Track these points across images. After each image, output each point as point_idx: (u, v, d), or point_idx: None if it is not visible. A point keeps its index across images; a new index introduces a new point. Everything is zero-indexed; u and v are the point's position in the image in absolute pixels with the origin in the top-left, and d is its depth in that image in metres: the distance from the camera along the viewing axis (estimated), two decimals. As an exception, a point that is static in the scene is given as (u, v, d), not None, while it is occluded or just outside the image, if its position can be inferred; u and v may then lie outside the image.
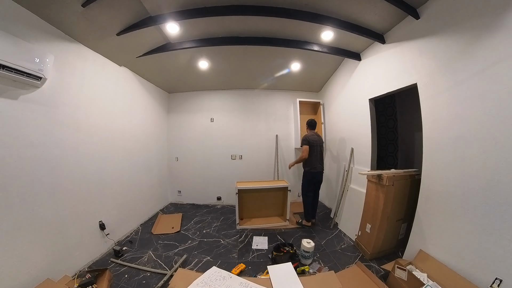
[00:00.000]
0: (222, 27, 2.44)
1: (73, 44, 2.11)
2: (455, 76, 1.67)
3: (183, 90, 4.29)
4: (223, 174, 4.28)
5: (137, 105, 3.30)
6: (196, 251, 2.55)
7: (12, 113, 1.58)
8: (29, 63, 1.57)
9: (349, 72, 3.19)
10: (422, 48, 1.97)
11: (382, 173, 2.20)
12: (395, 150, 3.45)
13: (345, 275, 1.85)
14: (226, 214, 3.73)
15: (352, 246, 2.59)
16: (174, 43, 2.64)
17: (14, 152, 1.59)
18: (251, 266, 2.22)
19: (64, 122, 2.02)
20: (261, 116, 4.33)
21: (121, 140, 2.89)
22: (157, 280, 1.98)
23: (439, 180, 1.83)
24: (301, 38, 2.69)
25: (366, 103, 2.79)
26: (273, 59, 3.21)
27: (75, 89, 2.14)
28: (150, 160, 3.67)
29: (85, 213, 2.24)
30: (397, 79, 2.29)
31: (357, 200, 2.72)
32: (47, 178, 1.84)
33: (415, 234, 2.05)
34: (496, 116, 1.40)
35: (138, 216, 3.28)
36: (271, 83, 4.04)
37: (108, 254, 2.42)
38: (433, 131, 1.90)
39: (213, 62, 3.26)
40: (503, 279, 1.32)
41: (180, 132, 4.35)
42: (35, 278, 1.64)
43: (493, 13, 1.40)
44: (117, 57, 2.68)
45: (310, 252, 2.22)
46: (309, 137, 3.11)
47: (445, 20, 1.74)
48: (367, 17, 2.22)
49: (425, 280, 1.65)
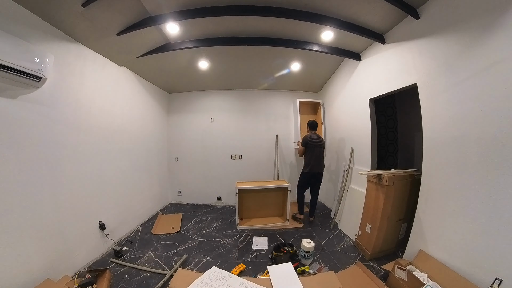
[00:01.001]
0: (222, 27, 2.44)
1: (73, 44, 2.11)
2: (455, 76, 1.67)
3: (183, 90, 4.29)
4: (223, 174, 4.28)
5: (137, 105, 3.30)
6: (196, 251, 2.55)
7: (12, 113, 1.58)
8: (29, 63, 1.57)
9: (349, 72, 3.19)
10: (422, 48, 1.97)
11: (382, 173, 2.20)
12: (395, 150, 3.45)
13: (345, 275, 1.85)
14: (226, 214, 3.73)
15: (352, 246, 2.59)
16: (174, 43, 2.64)
17: (14, 152, 1.59)
18: (251, 266, 2.22)
19: (64, 122, 2.02)
20: (261, 116, 4.33)
21: (121, 140, 2.89)
22: (157, 280, 1.97)
23: (439, 180, 1.83)
24: (301, 38, 2.69)
25: (366, 103, 2.79)
26: (273, 59, 3.21)
27: (75, 89, 2.14)
28: (150, 160, 3.67)
29: (85, 213, 2.24)
30: (397, 79, 2.29)
31: (357, 200, 2.72)
32: (47, 178, 1.84)
33: (415, 234, 2.05)
34: (496, 116, 1.40)
35: (138, 216, 3.28)
36: (271, 83, 4.04)
37: (108, 254, 2.42)
38: (433, 131, 1.90)
39: (213, 62, 3.26)
40: (503, 279, 1.32)
41: (180, 132, 4.35)
42: (35, 278, 1.64)
43: (493, 13, 1.40)
44: (117, 57, 2.68)
45: (310, 252, 2.22)
46: (308, 137, 3.13)
47: (445, 20, 1.74)
48: (367, 17, 2.22)
49: (425, 280, 1.65)
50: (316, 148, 3.13)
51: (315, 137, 3.17)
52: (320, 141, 3.19)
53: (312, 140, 3.11)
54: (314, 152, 3.12)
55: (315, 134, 3.21)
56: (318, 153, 3.14)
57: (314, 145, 3.12)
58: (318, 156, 3.14)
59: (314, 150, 3.11)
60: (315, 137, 3.16)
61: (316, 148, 3.13)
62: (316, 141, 3.13)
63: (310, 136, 3.15)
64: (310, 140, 3.12)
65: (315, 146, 3.12)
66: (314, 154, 3.12)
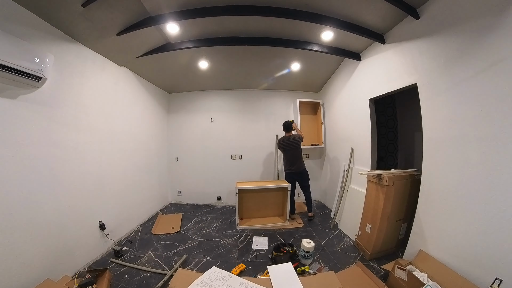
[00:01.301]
0: (222, 27, 2.44)
1: (73, 44, 2.11)
2: (455, 76, 1.67)
3: (183, 90, 4.29)
4: (223, 174, 4.28)
5: (137, 105, 3.30)
6: (196, 251, 2.55)
7: (12, 113, 1.58)
8: (29, 63, 1.57)
9: (349, 72, 3.19)
10: (422, 48, 1.97)
11: (382, 173, 2.20)
12: (395, 150, 3.45)
13: (345, 275, 1.85)
14: (226, 214, 3.73)
15: (352, 246, 2.59)
16: (174, 43, 2.64)
17: (14, 152, 1.59)
18: (251, 266, 2.22)
19: (64, 122, 2.02)
20: (261, 116, 4.33)
21: (121, 140, 2.89)
22: (157, 280, 1.97)
23: (439, 180, 1.83)
24: (301, 38, 2.69)
25: (366, 103, 2.79)
26: (273, 59, 3.21)
27: (75, 89, 2.14)
28: (150, 160, 3.67)
29: (85, 213, 2.24)
30: (397, 79, 2.29)
31: (357, 200, 2.72)
32: (47, 178, 1.84)
33: (415, 234, 2.05)
34: (496, 116, 1.40)
35: (138, 216, 3.28)
36: (271, 83, 4.04)
37: (108, 254, 2.42)
38: (433, 131, 1.90)
39: (213, 62, 3.26)
40: (503, 279, 1.32)
41: (180, 132, 4.36)
42: (35, 278, 1.64)
43: (493, 13, 1.40)
44: (117, 57, 2.68)
45: (310, 252, 2.22)
46: (279, 141, 3.38)
47: (445, 20, 1.74)
48: (367, 17, 2.22)
49: (425, 280, 1.65)
50: (285, 152, 3.33)
51: (286, 140, 3.31)
52: (289, 143, 3.29)
53: (283, 144, 3.32)
54: (286, 155, 3.32)
55: (286, 137, 3.33)
56: (290, 155, 3.31)
57: (284, 149, 3.31)
58: (289, 158, 3.32)
59: (285, 153, 3.33)
60: (286, 141, 3.30)
61: (285, 151, 3.33)
62: (286, 144, 3.29)
63: (280, 140, 3.37)
64: (281, 144, 3.34)
65: (284, 150, 3.33)
66: (286, 157, 3.33)
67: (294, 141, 3.30)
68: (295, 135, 3.35)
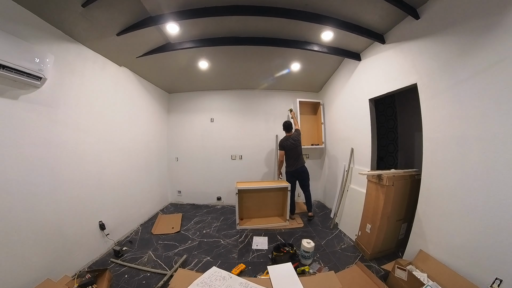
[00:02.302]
0: (222, 27, 2.44)
1: (73, 44, 2.11)
2: (455, 76, 1.67)
3: (183, 90, 4.29)
4: (223, 174, 4.28)
5: (137, 105, 3.30)
6: (196, 251, 2.55)
7: (12, 113, 1.58)
8: (29, 63, 1.57)
9: (349, 72, 3.19)
10: (422, 48, 1.97)
11: (382, 173, 2.20)
12: (395, 150, 3.46)
13: (345, 275, 1.85)
14: (226, 214, 3.73)
15: (352, 246, 2.59)
16: (174, 43, 2.64)
17: (14, 152, 1.59)
18: (251, 266, 2.22)
19: (64, 122, 2.02)
20: (261, 116, 4.33)
21: (121, 140, 2.89)
22: (157, 280, 1.97)
23: (439, 180, 1.83)
24: (301, 38, 2.69)
25: (366, 103, 2.79)
26: (273, 59, 3.21)
27: (75, 89, 2.14)
28: (150, 160, 3.67)
29: (85, 213, 2.24)
30: (397, 79, 2.29)
31: (357, 200, 2.72)
32: (47, 178, 1.84)
33: (415, 234, 2.05)
34: (496, 116, 1.40)
35: (138, 216, 3.28)
36: (271, 83, 4.04)
37: (108, 254, 2.42)
38: (433, 131, 1.90)
39: (213, 62, 3.26)
40: (503, 279, 1.32)
41: (180, 132, 4.35)
42: (35, 278, 1.64)
43: (493, 13, 1.40)
44: (117, 57, 2.68)
45: (310, 252, 2.22)
46: (283, 142, 3.38)
47: (445, 20, 1.74)
48: (367, 17, 2.22)
49: (425, 280, 1.65)
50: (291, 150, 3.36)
51: (289, 139, 3.36)
52: (293, 142, 3.34)
53: (286, 143, 3.35)
54: (289, 154, 3.37)
55: (288, 137, 3.38)
56: (292, 153, 3.36)
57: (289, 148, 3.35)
58: (292, 156, 3.36)
59: (288, 152, 3.37)
60: (289, 140, 3.35)
61: (291, 150, 3.36)
62: (289, 144, 3.34)
63: (284, 140, 3.40)
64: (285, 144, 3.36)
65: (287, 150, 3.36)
66: (289, 155, 3.38)
67: (296, 139, 3.35)
68: (294, 133, 3.38)
